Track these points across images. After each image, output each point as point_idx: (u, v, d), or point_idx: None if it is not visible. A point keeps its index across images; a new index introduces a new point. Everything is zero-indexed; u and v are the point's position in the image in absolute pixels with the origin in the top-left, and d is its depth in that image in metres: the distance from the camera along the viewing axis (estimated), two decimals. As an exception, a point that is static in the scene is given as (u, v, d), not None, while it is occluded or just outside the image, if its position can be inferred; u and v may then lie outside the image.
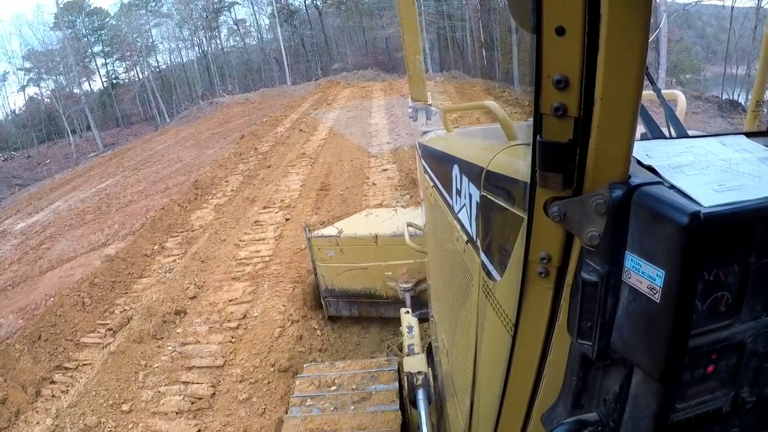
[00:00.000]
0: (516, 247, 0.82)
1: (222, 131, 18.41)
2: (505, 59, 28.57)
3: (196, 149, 15.68)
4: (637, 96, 0.55)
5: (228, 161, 12.06)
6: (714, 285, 0.61)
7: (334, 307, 4.52)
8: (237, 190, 9.59)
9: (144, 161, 16.11)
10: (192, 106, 30.54)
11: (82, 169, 19.47)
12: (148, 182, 12.04)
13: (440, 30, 35.90)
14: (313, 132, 14.70)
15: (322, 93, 25.22)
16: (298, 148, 12.64)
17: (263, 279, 5.59)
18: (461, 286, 1.32)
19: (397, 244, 3.73)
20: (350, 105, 19.76)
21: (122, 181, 13.39)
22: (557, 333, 0.73)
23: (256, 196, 8.93)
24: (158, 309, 5.00)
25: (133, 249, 6.92)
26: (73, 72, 35.71)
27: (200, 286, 5.58)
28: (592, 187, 0.60)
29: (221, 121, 21.81)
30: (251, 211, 8.15)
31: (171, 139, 20.51)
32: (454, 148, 1.40)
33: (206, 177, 10.53)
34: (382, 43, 39.40)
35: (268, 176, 10.31)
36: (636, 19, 0.51)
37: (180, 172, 12.27)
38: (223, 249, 6.63)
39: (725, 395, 0.68)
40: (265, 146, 13.53)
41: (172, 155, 15.66)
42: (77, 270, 6.56)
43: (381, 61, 37.41)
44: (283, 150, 12.69)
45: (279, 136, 14.72)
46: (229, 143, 14.77)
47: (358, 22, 41.41)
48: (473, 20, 33.43)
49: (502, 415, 0.93)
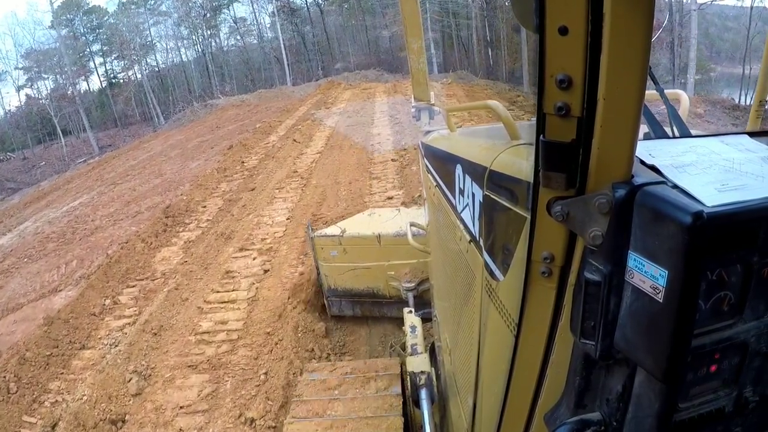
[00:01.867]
0: (519, 246, 0.82)
1: (211, 139, 17.06)
2: (512, 58, 27.76)
3: (180, 160, 14.14)
4: (640, 95, 0.55)
5: (209, 179, 10.47)
6: (717, 285, 0.61)
7: (336, 307, 4.53)
8: (213, 219, 8.05)
9: (124, 173, 14.64)
10: (186, 108, 29.90)
11: (63, 180, 17.59)
12: (121, 202, 10.56)
13: (445, 28, 35.02)
14: (308, 143, 13.07)
15: (322, 95, 23.90)
16: (289, 164, 11.01)
17: (227, 372, 4.18)
18: (464, 286, 1.32)
19: (400, 244, 3.73)
20: (350, 110, 18.12)
21: (96, 198, 11.86)
22: (560, 332, 0.73)
23: (233, 231, 7.28)
24: (89, 415, 3.81)
25: (81, 304, 5.65)
26: (67, 71, 35.13)
27: (147, 377, 4.24)
28: (595, 186, 0.60)
29: (213, 126, 20.52)
30: (225, 253, 6.57)
31: (159, 146, 19.20)
32: (457, 147, 1.40)
33: (182, 201, 9.03)
34: (385, 42, 38.69)
35: (250, 202, 8.68)
36: (639, 18, 0.51)
37: (157, 190, 10.83)
38: (182, 314, 5.19)
39: (728, 395, 0.68)
40: (254, 160, 11.96)
41: (154, 167, 14.22)
42: (20, 326, 5.45)
43: (384, 61, 36.76)
44: (272, 166, 11.06)
45: (270, 147, 13.16)
46: (215, 154, 13.45)
47: (360, 20, 40.65)
48: (480, 18, 32.70)
49: (505, 414, 0.93)
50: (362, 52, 40.36)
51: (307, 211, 7.68)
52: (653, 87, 1.12)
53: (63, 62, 35.46)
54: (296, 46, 40.82)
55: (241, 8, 42.81)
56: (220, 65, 41.37)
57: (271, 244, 6.70)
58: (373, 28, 39.21)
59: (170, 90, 39.61)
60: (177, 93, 39.06)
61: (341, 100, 21.38)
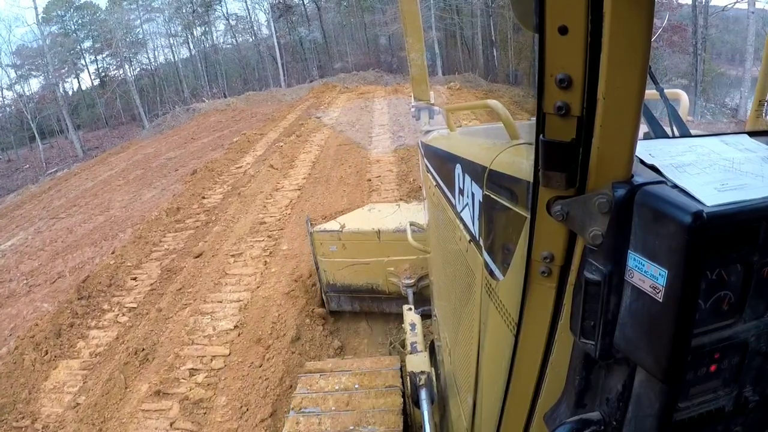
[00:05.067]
0: (519, 246, 0.82)
1: (180, 156, 14.66)
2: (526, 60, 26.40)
3: (137, 187, 11.89)
4: (640, 95, 0.55)
5: (155, 227, 7.90)
6: (717, 284, 0.61)
7: (335, 302, 4.54)
8: (138, 310, 5.42)
9: (73, 201, 12.29)
10: (168, 113, 28.28)
11: (14, 204, 14.78)
12: (50, 253, 8.30)
13: (449, 27, 33.56)
14: (288, 170, 10.19)
15: (315, 99, 21.89)
16: (258, 206, 8.21)
17: None
18: (464, 285, 1.32)
19: (400, 240, 3.72)
20: (344, 120, 15.11)
21: (30, 240, 9.58)
22: (560, 332, 0.73)
23: (155, 346, 4.62)
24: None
25: None
26: (50, 70, 33.60)
27: None
28: (595, 186, 0.60)
29: (187, 138, 18.16)
30: (132, 399, 4.01)
31: (124, 161, 16.84)
32: (456, 147, 1.40)
33: (108, 267, 6.46)
34: (385, 41, 37.52)
35: (191, 280, 5.85)
36: (639, 17, 0.51)
37: (93, 236, 8.54)
38: None
39: (728, 394, 0.68)
40: (217, 194, 9.30)
41: (106, 195, 11.94)
42: None
43: (383, 61, 35.74)
44: (235, 208, 8.22)
45: (241, 174, 10.50)
46: (176, 181, 11.14)
47: (359, 18, 39.48)
48: (486, 16, 31.29)
49: (505, 414, 0.93)
50: (361, 52, 39.29)
51: (266, 313, 4.77)
52: (653, 87, 1.12)
53: (44, 62, 33.87)
54: (292, 45, 39.62)
55: (235, 4, 41.27)
56: (212, 64, 39.92)
57: (203, 387, 3.97)
58: (372, 25, 38.10)
59: (158, 90, 38.14)
60: (166, 93, 37.74)
61: (335, 106, 18.85)
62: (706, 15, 19.03)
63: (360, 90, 23.27)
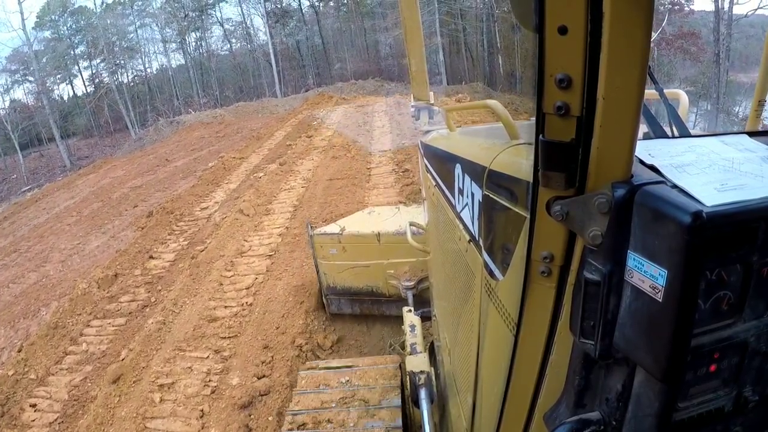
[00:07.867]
0: (518, 246, 0.82)
1: (146, 184, 12.96)
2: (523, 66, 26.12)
3: (86, 229, 10.04)
4: (640, 95, 0.55)
5: (80, 306, 5.96)
6: (716, 284, 0.61)
7: (335, 305, 4.53)
8: None
9: (17, 244, 10.40)
10: (151, 126, 27.37)
11: None
12: None
13: (453, 33, 32.19)
14: (263, 216, 8.00)
15: (309, 111, 19.81)
16: (213, 284, 5.86)
17: None
18: (463, 285, 1.32)
19: (400, 243, 3.73)
20: (337, 144, 12.58)
21: None
22: (560, 332, 0.73)
23: None
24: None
25: None
26: (37, 77, 32.92)
27: None
28: (595, 186, 0.60)
29: (162, 158, 16.55)
30: None
31: (89, 186, 15.10)
32: (456, 147, 1.40)
33: (6, 381, 4.68)
34: (386, 47, 36.20)
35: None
36: (638, 18, 0.51)
37: (13, 308, 6.63)
38: None
39: (728, 394, 0.68)
40: (168, 254, 7.21)
41: (50, 239, 9.94)
42: None
43: (384, 68, 34.16)
44: (182, 286, 5.95)
45: (205, 220, 8.42)
46: (128, 225, 9.35)
47: (358, 23, 38.28)
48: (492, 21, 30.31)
49: (505, 414, 0.93)
50: (360, 58, 37.92)
51: None
52: (653, 87, 1.12)
53: (42, 66, 33.51)
54: (289, 51, 38.42)
55: (230, 9, 39.85)
56: (206, 71, 38.44)
57: None
58: (373, 31, 36.90)
59: (148, 99, 36.95)
60: (159, 101, 36.61)
61: (329, 122, 16.19)
62: (730, 23, 18.52)
63: (358, 101, 21.19)
